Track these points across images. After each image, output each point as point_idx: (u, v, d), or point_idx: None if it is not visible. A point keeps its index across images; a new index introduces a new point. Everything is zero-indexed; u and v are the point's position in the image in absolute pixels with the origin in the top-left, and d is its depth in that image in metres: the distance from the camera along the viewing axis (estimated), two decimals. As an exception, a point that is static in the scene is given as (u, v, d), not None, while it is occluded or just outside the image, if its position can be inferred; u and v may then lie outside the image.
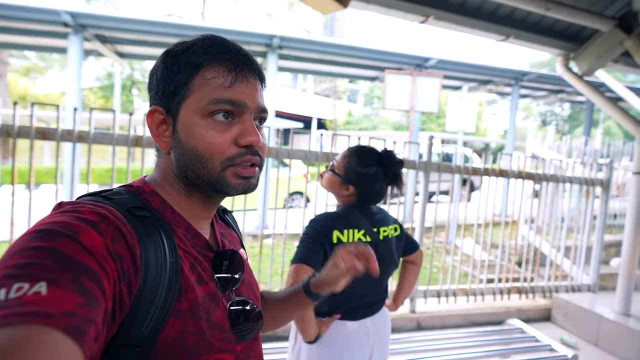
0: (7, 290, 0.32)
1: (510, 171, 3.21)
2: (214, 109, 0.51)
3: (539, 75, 7.26)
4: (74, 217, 0.42)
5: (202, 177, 0.53)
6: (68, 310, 0.33)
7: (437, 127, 20.14)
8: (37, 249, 0.36)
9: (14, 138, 2.18)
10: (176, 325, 0.47)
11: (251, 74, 0.54)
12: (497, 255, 3.35)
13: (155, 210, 0.52)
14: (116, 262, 0.42)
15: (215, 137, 0.51)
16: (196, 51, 0.52)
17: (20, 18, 4.80)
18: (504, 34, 3.35)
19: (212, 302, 0.52)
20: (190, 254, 0.53)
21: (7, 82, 14.32)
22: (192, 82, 0.52)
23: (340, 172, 1.22)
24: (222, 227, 0.67)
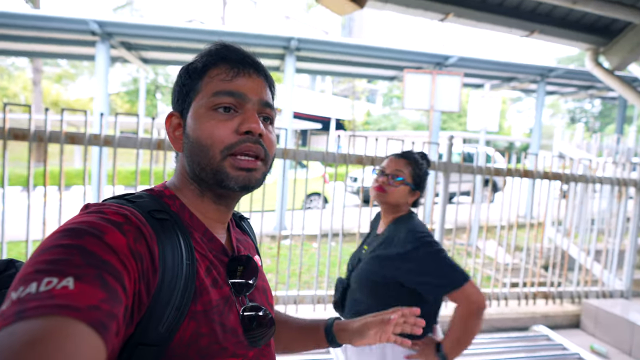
0: (38, 284, 0.35)
1: (536, 171, 3.09)
2: (216, 101, 0.54)
3: (566, 71, 6.97)
4: (100, 217, 0.44)
5: (205, 169, 0.54)
6: (93, 305, 0.35)
7: (459, 126, 19.69)
8: (65, 247, 0.38)
9: (46, 143, 2.29)
10: (191, 327, 0.48)
11: (254, 72, 0.57)
12: (522, 259, 3.24)
13: (174, 214, 0.54)
14: (137, 261, 0.43)
15: (216, 126, 0.54)
16: (203, 56, 0.57)
17: (52, 28, 5.06)
18: (529, 30, 3.23)
19: (225, 305, 0.53)
20: (206, 257, 0.54)
21: (41, 89, 15.13)
22: (199, 83, 0.56)
23: (410, 180, 1.22)
24: (238, 233, 0.68)
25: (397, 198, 1.22)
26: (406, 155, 1.25)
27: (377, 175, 1.27)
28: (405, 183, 1.22)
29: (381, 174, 1.25)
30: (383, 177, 1.23)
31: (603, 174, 3.27)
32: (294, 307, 2.71)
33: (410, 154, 1.26)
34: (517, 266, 3.98)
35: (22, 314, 0.32)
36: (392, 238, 1.20)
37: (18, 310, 0.33)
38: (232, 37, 5.64)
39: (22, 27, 5.13)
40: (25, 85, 18.32)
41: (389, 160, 1.26)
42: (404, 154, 1.26)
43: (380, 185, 1.23)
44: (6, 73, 18.86)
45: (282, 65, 6.64)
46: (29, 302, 0.33)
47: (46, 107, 2.22)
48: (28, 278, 0.35)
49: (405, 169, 1.22)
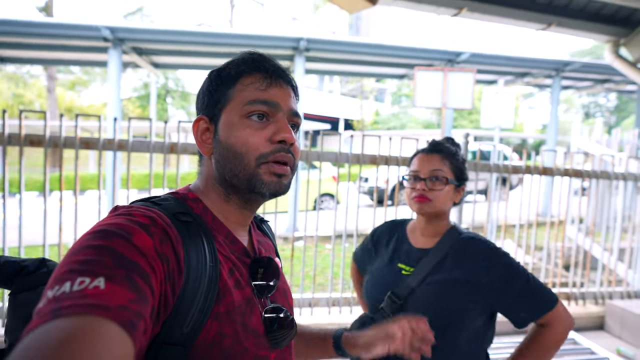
0: (72, 284, 0.36)
1: (555, 168, 3.00)
2: (250, 109, 0.56)
3: (582, 65, 6.78)
4: (128, 219, 0.46)
5: (238, 175, 0.55)
6: (122, 305, 0.37)
7: (470, 124, 19.41)
8: (96, 248, 0.40)
9: (61, 148, 2.31)
10: (214, 327, 0.49)
11: (284, 83, 0.59)
12: (542, 259, 3.14)
13: (197, 216, 0.55)
14: (163, 263, 0.45)
15: (251, 134, 0.55)
16: (236, 64, 0.58)
17: (65, 35, 5.15)
18: (545, 22, 3.14)
19: (247, 306, 0.54)
20: (229, 259, 0.55)
21: (55, 96, 15.47)
22: (232, 90, 0.57)
23: (452, 177, 1.03)
24: (259, 235, 0.69)
25: (444, 203, 1.01)
26: (439, 148, 1.04)
27: (410, 181, 1.04)
28: (449, 181, 1.01)
29: (416, 178, 1.02)
30: (420, 183, 1.00)
31: (626, 170, 3.15)
32: (309, 309, 2.67)
33: (442, 145, 1.05)
34: (536, 266, 3.87)
35: (57, 312, 0.34)
36: (459, 256, 0.97)
37: (54, 309, 0.34)
38: (241, 40, 5.66)
39: (36, 35, 5.24)
40: (40, 93, 18.76)
41: (420, 160, 1.03)
42: (435, 147, 1.05)
43: (422, 193, 1.00)
44: (22, 81, 19.35)
45: (291, 66, 6.63)
46: (63, 300, 0.35)
47: (61, 113, 2.24)
48: (63, 277, 0.37)
49: (443, 165, 1.02)
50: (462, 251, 0.98)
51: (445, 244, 1.00)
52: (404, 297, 0.96)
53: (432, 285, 0.96)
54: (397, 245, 1.08)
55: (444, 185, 1.00)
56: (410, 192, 1.03)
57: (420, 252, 1.03)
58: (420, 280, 0.97)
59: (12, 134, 2.25)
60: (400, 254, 1.05)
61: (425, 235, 1.06)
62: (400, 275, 1.01)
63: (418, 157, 1.06)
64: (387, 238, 1.12)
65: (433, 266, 0.98)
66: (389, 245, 1.10)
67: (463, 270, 0.96)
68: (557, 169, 3.00)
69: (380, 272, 1.06)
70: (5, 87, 18.49)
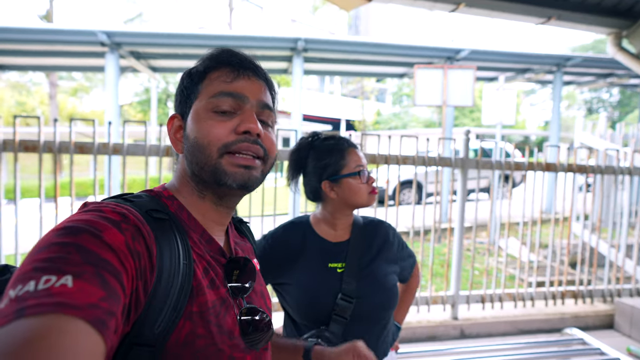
0: (37, 282, 0.34)
1: (559, 164, 2.94)
2: (215, 102, 0.55)
3: (584, 59, 6.70)
4: (98, 215, 0.44)
5: (204, 167, 0.54)
6: (92, 303, 0.35)
7: (471, 122, 19.31)
8: (63, 245, 0.38)
9: (55, 153, 2.28)
10: (186, 327, 0.48)
11: (254, 75, 0.58)
12: (548, 256, 3.08)
13: (172, 214, 0.54)
14: (135, 260, 0.43)
15: (214, 126, 0.54)
16: (205, 60, 0.58)
17: (62, 41, 5.14)
18: (545, 16, 3.08)
19: (222, 306, 0.53)
20: (203, 258, 0.54)
21: (57, 103, 15.54)
22: (200, 85, 0.57)
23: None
24: (236, 236, 0.68)
25: None
26: (351, 143, 1.05)
27: (364, 176, 1.01)
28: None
29: (363, 172, 1.01)
30: (370, 177, 1.02)
31: (632, 165, 3.09)
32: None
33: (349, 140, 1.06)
34: (541, 264, 3.80)
35: (21, 312, 0.32)
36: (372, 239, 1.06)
37: (17, 309, 0.32)
38: (239, 41, 5.63)
39: (34, 42, 5.24)
40: (42, 100, 18.87)
41: (358, 155, 1.03)
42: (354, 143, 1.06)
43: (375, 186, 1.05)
44: (25, 88, 19.48)
45: (289, 68, 6.59)
46: (27, 300, 0.33)
47: (55, 118, 2.23)
48: (26, 276, 0.35)
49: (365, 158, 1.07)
50: (373, 234, 1.07)
51: (357, 232, 1.05)
52: (355, 294, 0.96)
53: (372, 273, 1.00)
54: (315, 246, 1.02)
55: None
56: (363, 187, 1.01)
57: (340, 246, 1.03)
58: (358, 272, 0.99)
59: (7, 140, 2.23)
60: (324, 254, 1.01)
61: (340, 229, 1.05)
62: (337, 273, 0.99)
63: (354, 152, 1.03)
64: (297, 243, 1.02)
65: (360, 255, 1.02)
66: (303, 250, 1.01)
67: (384, 251, 1.05)
68: (560, 164, 2.94)
69: (315, 278, 0.98)
70: (9, 95, 18.63)
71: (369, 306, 0.97)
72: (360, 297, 0.96)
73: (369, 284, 0.99)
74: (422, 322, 2.74)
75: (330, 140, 1.05)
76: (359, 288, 0.97)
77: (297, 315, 0.99)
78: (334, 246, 1.03)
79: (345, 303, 0.94)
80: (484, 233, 5.45)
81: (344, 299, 0.94)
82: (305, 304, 0.97)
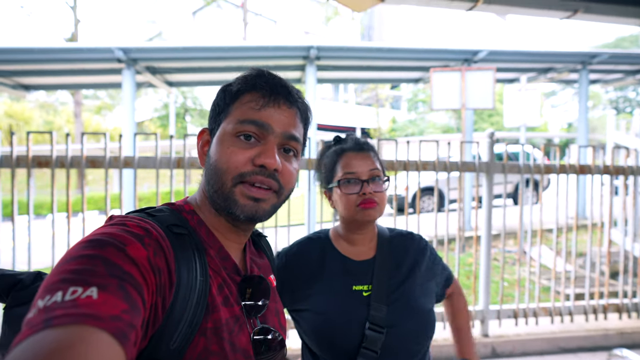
0: (64, 293, 0.36)
1: (594, 166, 2.71)
2: (239, 128, 0.55)
3: (611, 56, 6.37)
4: (122, 229, 0.45)
5: (217, 192, 0.55)
6: (115, 315, 0.36)
7: (490, 125, 18.82)
8: (89, 257, 0.40)
9: (67, 168, 2.26)
10: (200, 344, 0.48)
11: (285, 102, 0.57)
12: (586, 266, 2.82)
13: (191, 229, 0.55)
14: (156, 275, 0.44)
15: (234, 153, 0.54)
16: (239, 80, 0.58)
17: (81, 59, 5.29)
18: (570, 9, 2.89)
19: (235, 324, 0.53)
20: (219, 274, 0.55)
21: (82, 120, 16.16)
22: (232, 106, 0.57)
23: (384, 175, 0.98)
24: (254, 253, 0.67)
25: (385, 205, 0.89)
26: (368, 146, 0.91)
27: (346, 185, 0.86)
28: (387, 180, 0.90)
29: (356, 181, 0.86)
30: (364, 186, 0.85)
31: (677, 164, 2.82)
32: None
33: (368, 142, 0.93)
34: (579, 274, 3.52)
35: (49, 322, 0.33)
36: (402, 255, 0.91)
37: (45, 319, 0.34)
38: (252, 52, 5.65)
39: (56, 61, 5.41)
40: (68, 118, 19.70)
41: (353, 160, 0.87)
42: (363, 144, 0.91)
43: (369, 197, 0.84)
44: (52, 108, 20.43)
45: (303, 77, 6.56)
46: (55, 310, 0.34)
47: (67, 133, 2.22)
48: (54, 287, 0.37)
49: (377, 163, 0.89)
50: (403, 250, 0.93)
51: (383, 247, 0.91)
52: (385, 322, 0.81)
53: (404, 296, 0.86)
54: (336, 266, 0.89)
55: (384, 185, 0.89)
56: (351, 199, 0.85)
57: (365, 265, 0.89)
58: (387, 296, 0.84)
59: (20, 155, 2.23)
60: (347, 275, 0.87)
61: (360, 244, 0.91)
62: (363, 298, 0.84)
63: (348, 157, 0.88)
64: (314, 262, 0.90)
65: (389, 275, 0.87)
66: (322, 270, 0.88)
67: (416, 269, 0.91)
68: (596, 166, 2.71)
69: (337, 303, 0.84)
70: (38, 115, 19.56)
71: (402, 336, 0.82)
72: (391, 325, 0.81)
73: (401, 310, 0.84)
74: (449, 339, 2.54)
75: (336, 144, 0.93)
76: (390, 315, 0.82)
77: (317, 347, 0.84)
78: (357, 265, 0.88)
79: (374, 333, 0.79)
80: (512, 241, 5.16)
81: (372, 329, 0.80)
82: (326, 335, 0.82)
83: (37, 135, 13.29)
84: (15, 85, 6.74)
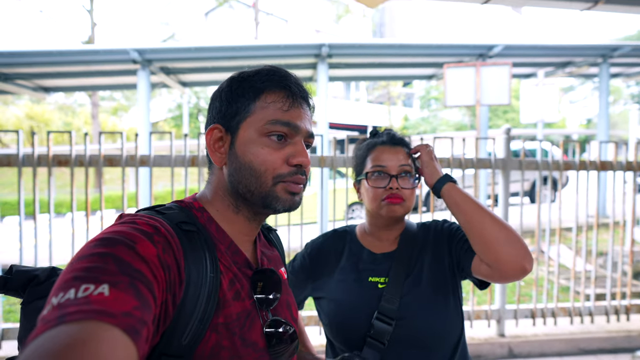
0: (76, 290, 0.37)
1: (616, 162, 2.62)
2: (271, 129, 0.56)
3: (634, 48, 6.13)
4: (132, 227, 0.46)
5: (254, 191, 0.56)
6: (126, 311, 0.37)
7: (505, 122, 18.43)
8: (101, 255, 0.41)
9: (86, 167, 2.32)
10: (212, 339, 0.49)
11: (304, 102, 0.61)
12: (607, 266, 2.74)
13: (201, 226, 0.55)
14: (165, 272, 0.45)
15: (270, 154, 0.56)
16: (261, 78, 0.58)
17: (97, 61, 5.41)
18: (591, 0, 2.80)
19: (247, 319, 0.54)
20: (230, 269, 0.56)
21: (99, 121, 16.56)
22: (253, 104, 0.57)
23: (415, 172, 0.95)
24: (264, 245, 0.68)
25: (413, 202, 0.88)
26: (401, 141, 0.91)
27: (374, 178, 0.87)
28: (418, 178, 0.90)
29: (384, 175, 0.86)
30: (392, 181, 0.85)
31: None
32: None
33: (402, 138, 0.92)
34: (600, 274, 3.41)
35: (62, 318, 0.34)
36: (423, 246, 0.89)
37: (59, 315, 0.35)
38: (264, 51, 5.67)
39: (74, 63, 5.55)
40: (86, 120, 20.21)
41: (384, 154, 0.87)
42: (397, 139, 0.90)
43: (395, 193, 0.84)
44: (70, 109, 21.00)
45: (314, 75, 6.55)
46: (68, 307, 0.35)
47: (85, 132, 2.28)
48: (67, 284, 0.38)
49: (408, 159, 0.88)
50: (424, 240, 0.91)
51: (406, 241, 0.89)
52: (396, 314, 0.81)
53: (419, 288, 0.84)
54: (355, 257, 0.91)
55: (414, 181, 0.88)
56: (378, 192, 0.86)
57: (384, 258, 0.89)
58: (402, 289, 0.83)
59: (41, 155, 2.30)
60: (365, 266, 0.89)
61: (385, 240, 0.91)
62: (377, 289, 0.85)
63: (380, 150, 0.89)
64: (336, 253, 0.93)
65: (407, 268, 0.86)
66: (341, 260, 0.91)
67: (435, 257, 0.88)
68: (618, 162, 2.62)
69: (350, 292, 0.86)
70: (57, 117, 20.14)
71: (415, 330, 0.81)
72: (402, 318, 0.81)
73: (415, 302, 0.83)
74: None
75: (372, 137, 0.94)
76: (402, 307, 0.82)
77: (331, 334, 0.89)
78: (377, 258, 0.90)
79: (382, 324, 0.80)
80: (529, 240, 5.05)
81: (380, 319, 0.81)
82: (336, 322, 0.85)
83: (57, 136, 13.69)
84: (35, 88, 6.95)
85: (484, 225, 0.76)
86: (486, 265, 0.77)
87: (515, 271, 0.74)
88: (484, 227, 0.76)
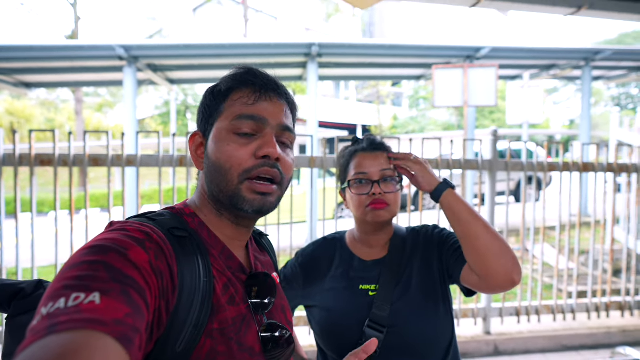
0: (67, 299, 0.36)
1: (597, 164, 2.70)
2: (237, 124, 0.56)
3: (614, 52, 6.32)
4: (123, 234, 0.45)
5: (223, 191, 0.55)
6: (118, 319, 0.36)
7: (492, 123, 18.76)
8: (91, 263, 0.40)
9: (70, 167, 2.26)
10: (207, 345, 0.49)
11: (275, 96, 0.59)
12: (589, 264, 2.82)
13: (193, 231, 0.55)
14: (158, 278, 0.44)
15: (236, 150, 0.55)
16: (228, 80, 0.59)
17: (82, 57, 5.28)
18: (575, 5, 2.87)
19: (242, 323, 0.54)
20: (223, 274, 0.55)
21: (83, 118, 16.16)
22: (223, 105, 0.57)
23: (397, 176, 0.95)
24: (256, 251, 0.68)
25: (398, 206, 0.89)
26: (381, 146, 0.91)
27: (357, 185, 0.87)
28: (401, 181, 0.90)
29: (366, 182, 0.86)
30: (374, 186, 0.85)
31: (681, 162, 2.81)
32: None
33: (382, 142, 0.93)
34: (582, 272, 3.51)
35: (52, 328, 0.33)
36: (412, 252, 0.89)
37: (49, 325, 0.34)
38: (254, 49, 5.62)
39: (58, 59, 5.40)
40: (70, 116, 19.69)
41: (365, 160, 0.88)
42: (377, 144, 0.91)
43: (379, 198, 0.85)
44: (53, 105, 20.41)
45: (304, 74, 6.54)
46: (58, 316, 0.34)
47: (69, 132, 2.22)
48: (57, 294, 0.37)
49: (389, 164, 0.89)
50: (414, 246, 0.91)
51: (396, 247, 0.89)
52: (387, 322, 0.81)
53: (409, 295, 0.84)
54: (346, 265, 0.91)
55: (396, 185, 0.89)
56: (361, 199, 0.86)
57: (374, 265, 0.89)
58: (392, 296, 0.83)
59: (23, 154, 2.23)
60: (356, 274, 0.89)
61: (375, 246, 0.91)
62: (368, 297, 0.85)
63: (361, 157, 0.89)
64: (327, 261, 0.93)
65: (397, 275, 0.86)
66: (332, 268, 0.91)
67: (425, 262, 0.88)
68: (599, 164, 2.70)
69: (341, 300, 0.86)
70: (39, 113, 19.55)
71: (406, 337, 0.81)
72: (393, 325, 0.81)
73: (405, 309, 0.83)
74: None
75: (353, 144, 0.94)
76: (393, 315, 0.82)
77: (322, 342, 0.88)
78: (367, 265, 0.89)
79: (373, 332, 0.80)
80: (514, 239, 5.16)
81: (372, 327, 0.81)
82: (327, 330, 0.85)
83: (39, 133, 13.32)
84: (16, 83, 6.73)
85: (478, 235, 0.77)
86: (476, 276, 0.78)
87: (504, 283, 0.76)
88: (479, 237, 0.77)
